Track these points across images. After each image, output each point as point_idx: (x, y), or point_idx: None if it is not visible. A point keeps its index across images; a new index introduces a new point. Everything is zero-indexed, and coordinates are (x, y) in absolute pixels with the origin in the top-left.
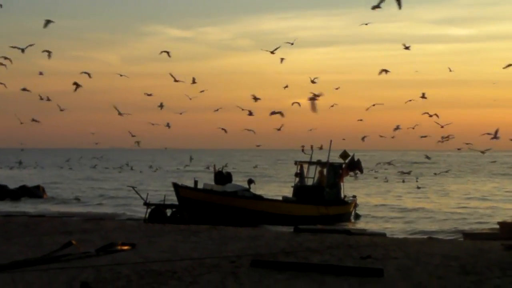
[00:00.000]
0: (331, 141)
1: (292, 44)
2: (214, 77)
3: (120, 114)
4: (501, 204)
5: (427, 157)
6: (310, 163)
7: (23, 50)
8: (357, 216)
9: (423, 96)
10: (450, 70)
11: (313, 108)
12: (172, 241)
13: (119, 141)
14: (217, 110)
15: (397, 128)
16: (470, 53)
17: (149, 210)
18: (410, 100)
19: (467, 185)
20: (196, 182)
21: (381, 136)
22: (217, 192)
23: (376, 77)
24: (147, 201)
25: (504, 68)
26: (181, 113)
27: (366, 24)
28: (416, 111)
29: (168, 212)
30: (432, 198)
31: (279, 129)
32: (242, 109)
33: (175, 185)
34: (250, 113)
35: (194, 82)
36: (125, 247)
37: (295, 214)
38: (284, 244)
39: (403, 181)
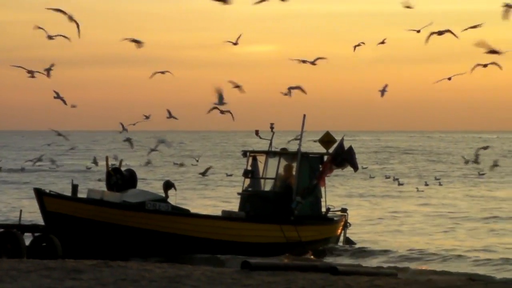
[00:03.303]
0: (304, 115)
1: None
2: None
3: None
4: None
5: None
6: (270, 153)
7: None
8: (349, 242)
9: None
10: None
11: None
12: None
13: None
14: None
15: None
16: None
17: None
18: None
19: None
20: (75, 187)
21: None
22: (111, 204)
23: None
24: None
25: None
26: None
27: None
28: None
29: (27, 238)
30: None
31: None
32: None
33: (38, 193)
34: None
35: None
36: None
37: (244, 240)
38: None
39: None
